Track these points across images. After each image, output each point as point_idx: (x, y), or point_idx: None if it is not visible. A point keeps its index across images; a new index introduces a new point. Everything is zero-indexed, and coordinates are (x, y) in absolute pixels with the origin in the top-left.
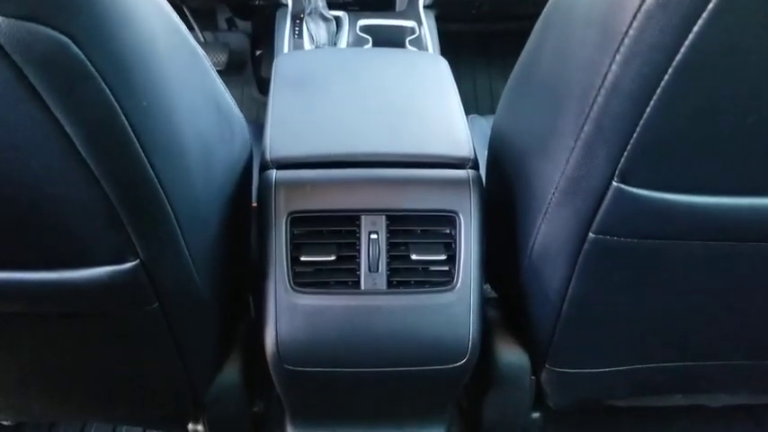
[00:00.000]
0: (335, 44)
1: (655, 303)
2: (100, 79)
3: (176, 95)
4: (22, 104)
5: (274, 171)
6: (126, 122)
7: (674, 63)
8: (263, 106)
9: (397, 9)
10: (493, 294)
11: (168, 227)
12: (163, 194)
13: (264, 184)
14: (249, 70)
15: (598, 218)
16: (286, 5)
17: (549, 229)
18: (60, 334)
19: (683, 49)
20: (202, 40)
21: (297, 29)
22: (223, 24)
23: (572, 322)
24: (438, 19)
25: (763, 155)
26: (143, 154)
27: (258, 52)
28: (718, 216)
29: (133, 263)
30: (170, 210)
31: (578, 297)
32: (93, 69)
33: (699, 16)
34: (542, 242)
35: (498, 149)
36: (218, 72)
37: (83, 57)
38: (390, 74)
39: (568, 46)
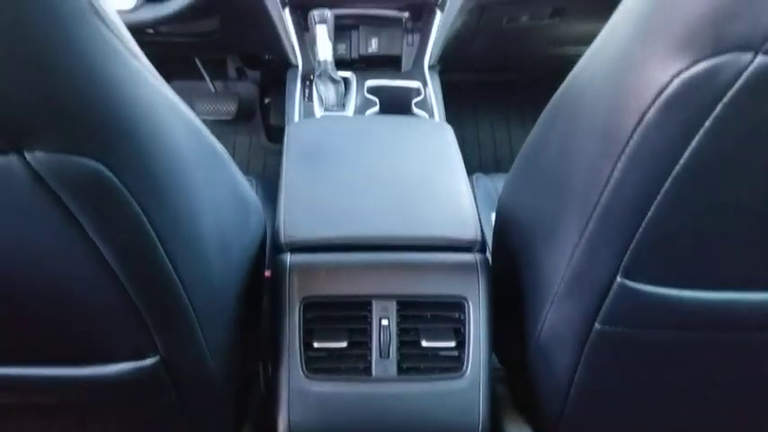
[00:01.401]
0: (344, 105)
1: (662, 389)
2: (132, 200)
3: (200, 197)
4: (54, 220)
5: (288, 254)
6: (153, 234)
7: (674, 172)
8: (271, 153)
9: (402, 69)
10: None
11: (188, 324)
12: (184, 295)
13: (279, 268)
14: (258, 118)
15: (603, 310)
16: (296, 67)
17: (556, 317)
18: (75, 424)
19: (682, 160)
20: (213, 90)
21: (307, 91)
22: (233, 73)
23: (580, 404)
24: (442, 72)
25: (763, 252)
26: (167, 259)
27: (267, 100)
28: (722, 309)
29: (154, 359)
30: (190, 308)
31: (586, 381)
32: (126, 192)
33: (696, 132)
34: (549, 328)
35: (505, 230)
36: (228, 121)
37: (117, 181)
38: (398, 146)
39: (572, 145)
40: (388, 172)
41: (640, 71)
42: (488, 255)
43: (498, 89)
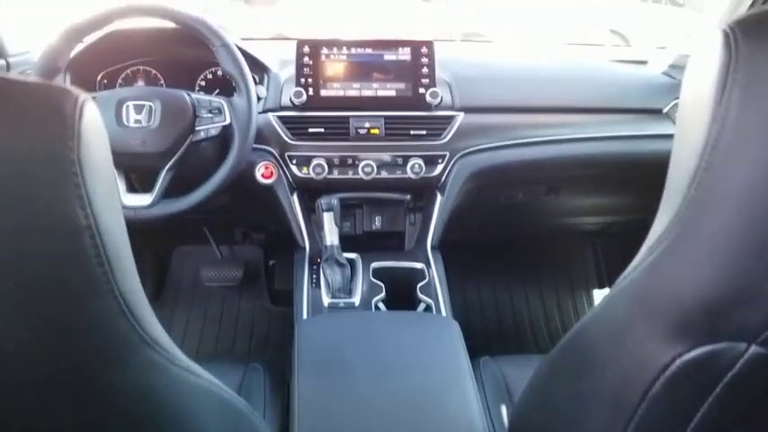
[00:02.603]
0: (350, 290)
1: None
2: None
3: None
4: None
5: None
6: None
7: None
8: (275, 317)
9: (406, 247)
10: None
11: None
12: None
13: None
14: (263, 280)
15: None
16: (304, 249)
17: None
18: None
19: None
20: (219, 257)
21: (314, 276)
22: (239, 237)
23: None
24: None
25: None
26: None
27: (271, 262)
28: None
29: None
30: None
31: None
32: None
33: (699, 407)
34: None
35: None
36: (233, 286)
37: None
38: (406, 351)
39: (581, 399)
40: (398, 384)
41: (643, 347)
42: None
43: (497, 248)
